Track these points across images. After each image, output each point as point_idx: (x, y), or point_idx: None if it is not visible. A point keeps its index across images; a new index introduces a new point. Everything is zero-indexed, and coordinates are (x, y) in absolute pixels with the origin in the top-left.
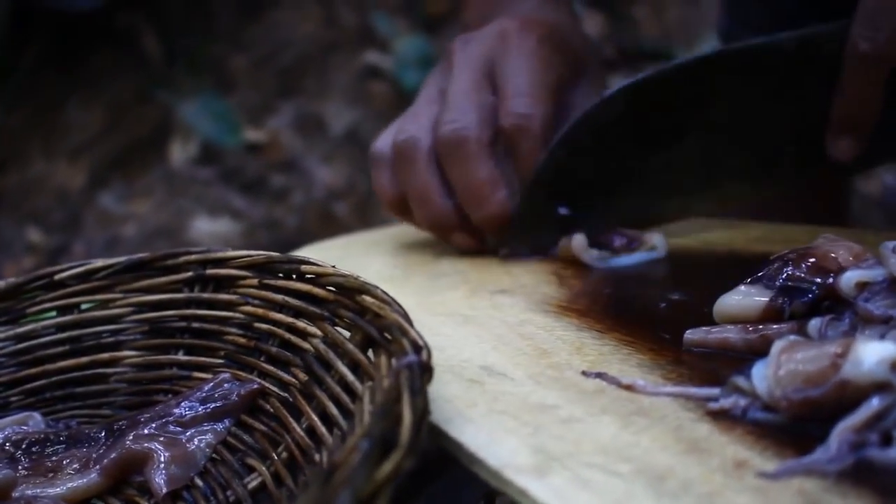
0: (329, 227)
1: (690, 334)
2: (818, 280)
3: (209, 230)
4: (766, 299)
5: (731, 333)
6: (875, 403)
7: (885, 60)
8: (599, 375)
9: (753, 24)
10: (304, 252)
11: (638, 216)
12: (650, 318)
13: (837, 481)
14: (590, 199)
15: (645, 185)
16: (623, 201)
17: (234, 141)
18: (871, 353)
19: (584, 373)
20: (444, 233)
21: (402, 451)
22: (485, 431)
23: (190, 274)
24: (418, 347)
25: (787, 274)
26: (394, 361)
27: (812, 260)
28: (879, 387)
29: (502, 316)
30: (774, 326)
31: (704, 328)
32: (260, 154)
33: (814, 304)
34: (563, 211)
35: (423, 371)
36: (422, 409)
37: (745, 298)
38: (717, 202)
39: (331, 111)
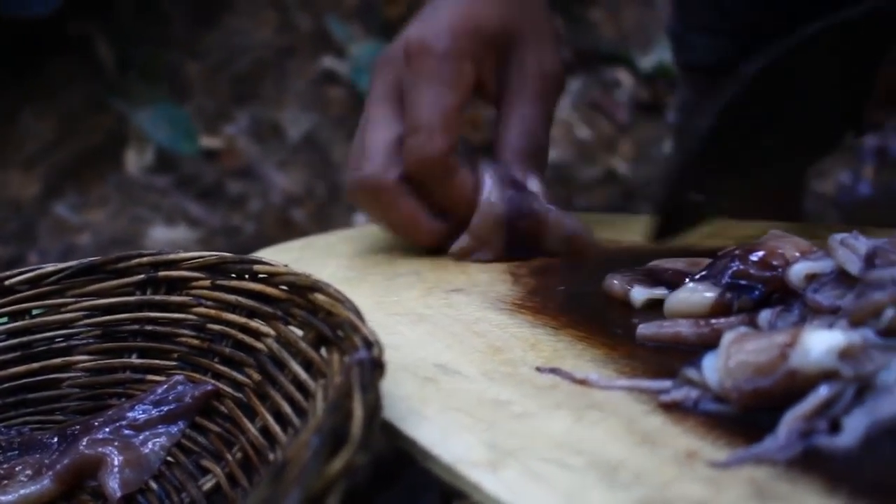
0: (287, 233)
1: (643, 328)
2: (766, 274)
3: (166, 238)
4: (714, 295)
5: (683, 327)
6: (823, 392)
7: None
8: (553, 371)
9: (703, 26)
10: (259, 255)
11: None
12: (604, 313)
13: (787, 469)
14: (716, 184)
15: (757, 164)
16: (742, 181)
17: (190, 148)
18: (818, 342)
19: (538, 369)
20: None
21: (354, 447)
22: (439, 428)
23: (142, 277)
24: (370, 344)
25: (734, 270)
26: (346, 358)
27: (759, 255)
28: (827, 375)
29: (457, 314)
30: (725, 319)
31: (657, 322)
32: (216, 161)
33: (763, 298)
34: (697, 197)
35: (375, 367)
36: (373, 405)
37: (693, 295)
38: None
39: (287, 117)
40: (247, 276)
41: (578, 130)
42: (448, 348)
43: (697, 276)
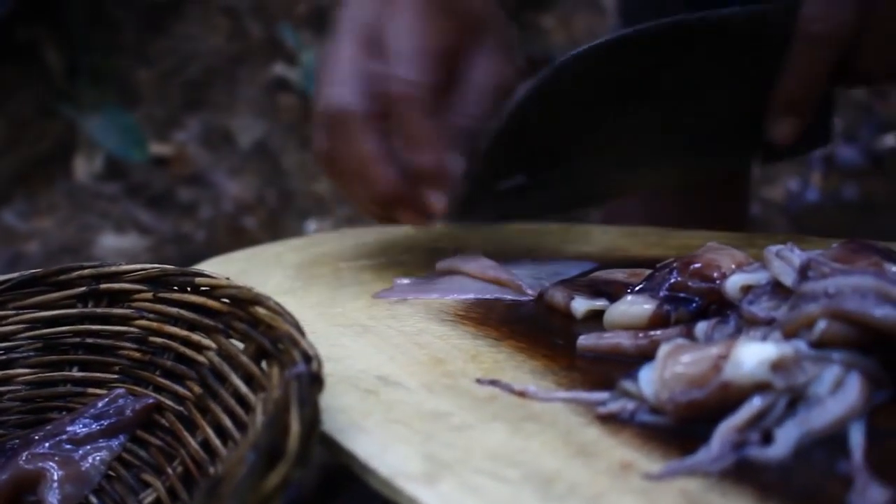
0: (238, 240)
1: (583, 340)
2: (703, 286)
3: (115, 246)
4: (653, 307)
5: (622, 338)
6: (755, 403)
7: (833, 43)
8: (493, 383)
9: None
10: (206, 266)
11: (588, 190)
12: (546, 325)
13: (719, 480)
14: (543, 171)
15: (597, 157)
16: (575, 173)
17: (139, 155)
18: (751, 355)
19: (478, 380)
20: (387, 210)
21: (290, 462)
22: (378, 441)
23: (83, 289)
24: (309, 358)
25: (673, 282)
26: (285, 372)
27: (696, 266)
28: (760, 387)
29: (400, 326)
30: (663, 331)
31: (597, 334)
32: (166, 168)
33: (700, 310)
34: (520, 179)
35: (313, 381)
36: (310, 420)
37: (632, 307)
38: (661, 178)
39: (238, 124)
40: (189, 289)
41: None
42: (390, 360)
43: (637, 288)
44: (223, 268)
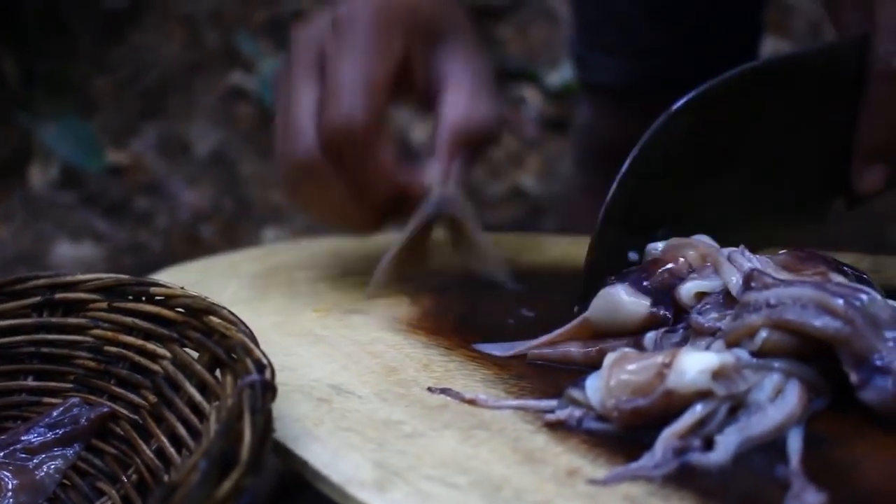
0: (195, 249)
1: (534, 349)
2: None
3: (71, 255)
4: (648, 303)
5: (572, 347)
6: (698, 410)
7: None
8: (444, 391)
9: (606, 47)
10: (162, 275)
11: None
12: (498, 334)
13: (662, 485)
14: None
15: (702, 218)
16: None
17: (96, 164)
18: (693, 364)
19: (429, 389)
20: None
21: (242, 470)
22: (330, 449)
23: (38, 298)
24: (262, 367)
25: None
26: (238, 381)
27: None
28: (702, 395)
29: (354, 335)
30: (613, 341)
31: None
32: (123, 177)
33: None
34: (633, 256)
35: (266, 390)
36: (263, 428)
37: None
38: (762, 238)
39: (195, 133)
40: (143, 299)
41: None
42: (343, 369)
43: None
44: (178, 277)
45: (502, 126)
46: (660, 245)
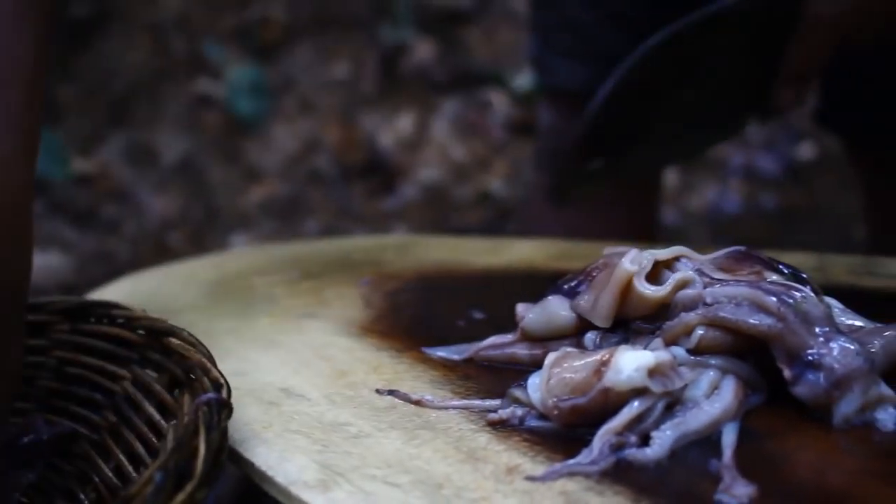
0: (163, 257)
1: (481, 350)
2: None
3: (39, 264)
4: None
5: (518, 348)
6: (634, 407)
7: (842, 25)
8: (391, 392)
9: (564, 51)
10: (121, 283)
11: (645, 164)
12: (448, 335)
13: (598, 481)
14: (617, 151)
15: (656, 138)
16: (640, 151)
17: (62, 172)
18: (629, 362)
19: (377, 391)
20: None
21: (196, 483)
22: (277, 451)
23: None
24: (219, 386)
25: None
26: (196, 399)
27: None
28: (638, 392)
29: (306, 339)
30: (557, 342)
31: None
32: (90, 185)
33: None
34: (597, 163)
35: (222, 407)
36: (218, 443)
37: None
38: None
39: (162, 140)
40: (105, 321)
41: (453, 150)
42: (295, 373)
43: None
44: (137, 285)
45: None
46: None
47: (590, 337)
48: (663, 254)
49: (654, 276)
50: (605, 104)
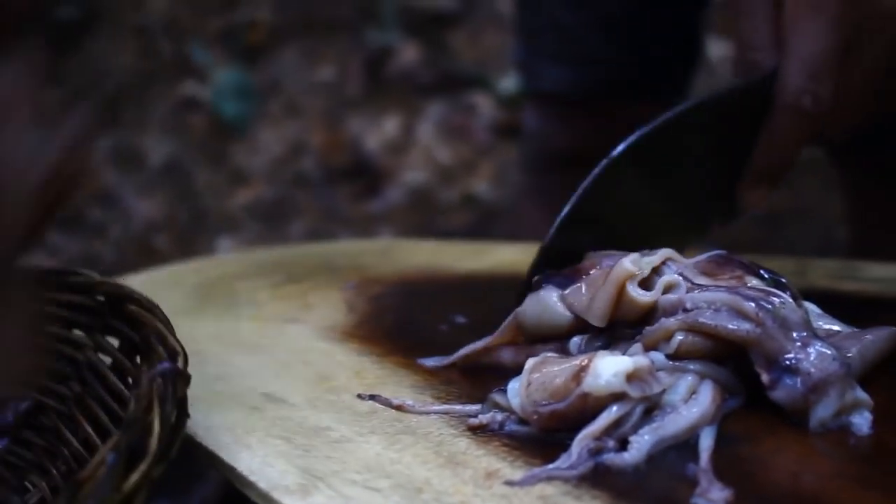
0: (149, 260)
1: (463, 355)
2: None
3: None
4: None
5: (503, 354)
6: (613, 412)
7: (819, 116)
8: (373, 397)
9: (549, 54)
10: None
11: None
12: (430, 340)
13: (577, 485)
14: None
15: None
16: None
17: None
18: (607, 367)
19: (359, 395)
20: None
21: (150, 461)
22: (258, 456)
23: None
24: (174, 355)
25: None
26: (151, 370)
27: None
28: (616, 397)
29: (289, 344)
30: (542, 345)
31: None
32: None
33: None
34: None
35: (178, 378)
36: (174, 417)
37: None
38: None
39: (149, 143)
40: (65, 288)
41: (438, 153)
42: (277, 378)
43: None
44: None
45: None
46: None
47: (575, 342)
48: (655, 260)
49: (645, 281)
50: (562, 228)
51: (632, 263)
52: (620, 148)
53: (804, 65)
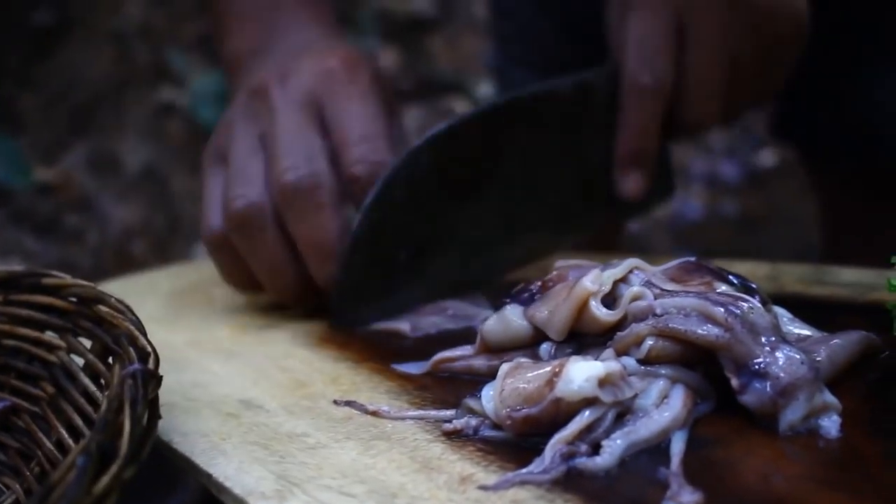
0: (126, 266)
1: (438, 360)
2: None
3: None
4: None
5: (476, 359)
6: (586, 416)
7: (658, 92)
8: (348, 403)
9: (520, 60)
10: None
11: (451, 279)
12: (406, 346)
13: (549, 490)
14: (406, 264)
15: (456, 244)
16: (437, 263)
17: (24, 181)
18: (580, 372)
19: (335, 401)
20: (298, 300)
21: (120, 463)
22: (234, 462)
23: None
24: (145, 355)
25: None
26: (122, 371)
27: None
28: (589, 402)
29: (266, 350)
30: (514, 352)
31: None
32: (52, 194)
33: None
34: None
35: (148, 379)
36: (144, 419)
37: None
38: (525, 256)
39: (125, 149)
40: (38, 290)
41: None
42: (254, 384)
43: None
44: None
45: None
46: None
47: (545, 348)
48: (619, 272)
49: (610, 291)
50: (380, 203)
51: (592, 281)
52: (426, 137)
53: (636, 47)
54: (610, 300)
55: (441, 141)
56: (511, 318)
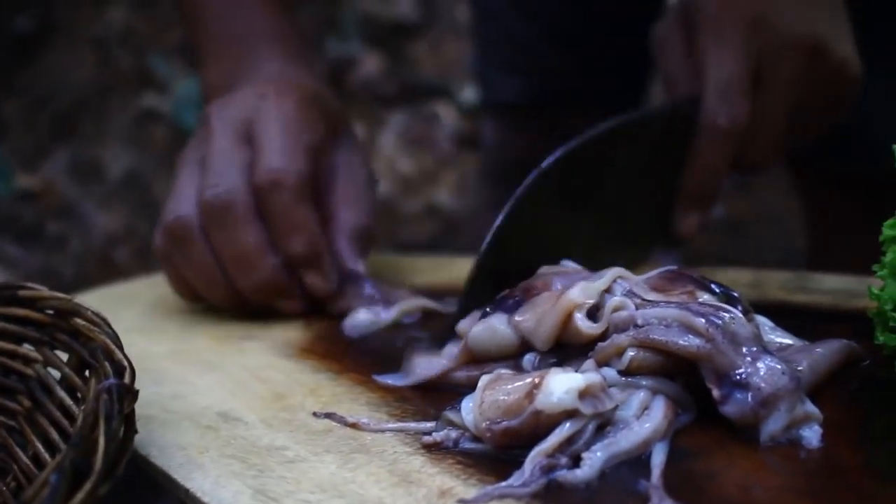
0: (109, 273)
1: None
2: None
3: None
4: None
5: (457, 371)
6: (566, 429)
7: (737, 134)
8: (328, 416)
9: (504, 64)
10: None
11: None
12: (387, 357)
13: (530, 502)
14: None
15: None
16: None
17: (5, 188)
18: (560, 384)
19: (314, 414)
20: (239, 307)
21: (95, 479)
22: (212, 476)
23: None
24: (121, 370)
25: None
26: (98, 386)
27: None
28: (569, 414)
29: (245, 361)
30: (494, 364)
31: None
32: (34, 201)
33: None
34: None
35: (124, 394)
36: (120, 434)
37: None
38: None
39: (108, 155)
40: (13, 302)
41: (401, 164)
42: (232, 396)
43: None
44: None
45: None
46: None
47: (528, 359)
48: (605, 283)
49: (596, 305)
50: (496, 241)
51: (580, 293)
52: (550, 160)
53: (717, 88)
54: (593, 309)
55: (563, 163)
56: (497, 326)
